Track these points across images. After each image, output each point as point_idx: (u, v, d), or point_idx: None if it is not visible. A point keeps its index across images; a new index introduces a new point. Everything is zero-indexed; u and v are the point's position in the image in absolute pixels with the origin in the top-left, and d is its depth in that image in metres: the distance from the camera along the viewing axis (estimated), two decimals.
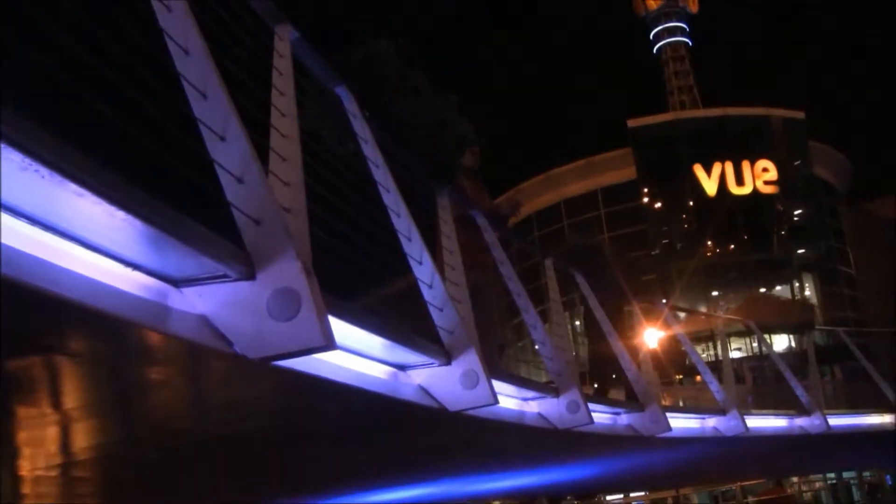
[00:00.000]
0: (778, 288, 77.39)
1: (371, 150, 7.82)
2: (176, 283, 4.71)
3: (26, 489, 8.30)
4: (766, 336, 29.93)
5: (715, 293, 76.05)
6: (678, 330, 20.79)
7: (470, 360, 8.17)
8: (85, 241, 4.10)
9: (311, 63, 7.17)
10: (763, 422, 19.77)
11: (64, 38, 3.97)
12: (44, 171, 3.31)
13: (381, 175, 7.81)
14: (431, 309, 8.18)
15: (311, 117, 7.84)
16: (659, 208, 78.11)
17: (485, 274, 11.51)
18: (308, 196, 5.80)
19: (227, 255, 4.63)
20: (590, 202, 79.48)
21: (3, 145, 3.09)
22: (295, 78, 6.37)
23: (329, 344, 4.70)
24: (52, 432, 6.53)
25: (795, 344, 65.27)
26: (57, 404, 5.64)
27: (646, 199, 78.03)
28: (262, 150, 5.46)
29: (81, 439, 7.02)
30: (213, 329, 4.80)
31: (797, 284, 77.63)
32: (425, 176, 9.38)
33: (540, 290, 14.10)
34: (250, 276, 4.72)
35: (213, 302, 4.77)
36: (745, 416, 17.62)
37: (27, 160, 3.20)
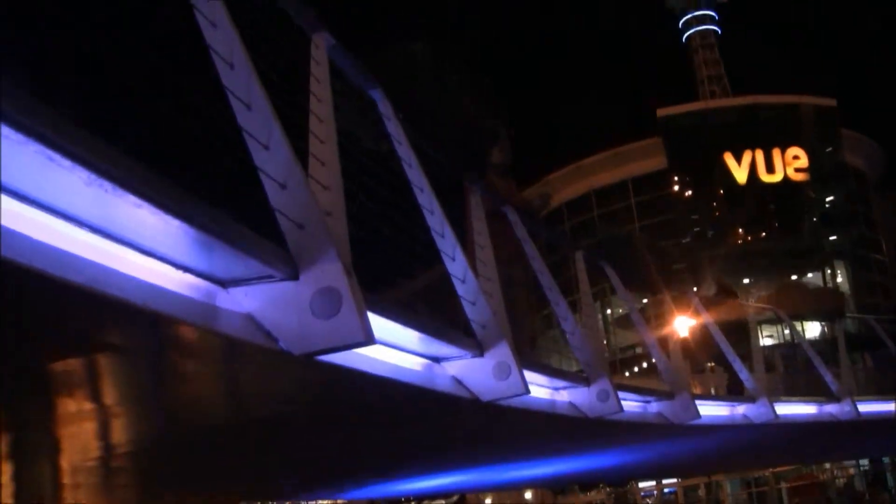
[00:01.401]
0: (809, 275, 76.72)
1: (404, 150, 8.06)
2: (224, 283, 4.97)
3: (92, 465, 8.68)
4: (798, 324, 29.89)
5: (746, 281, 75.57)
6: (708, 318, 20.80)
7: (502, 352, 8.41)
8: (140, 247, 4.36)
9: (348, 68, 7.40)
10: (792, 408, 19.80)
11: (119, 55, 4.24)
12: (107, 185, 3.56)
13: (415, 174, 8.05)
14: (464, 303, 8.42)
15: (348, 119, 8.07)
16: (689, 197, 77.62)
17: (516, 267, 11.72)
18: (346, 194, 6.06)
19: (272, 257, 4.88)
20: (620, 192, 79.09)
21: (70, 163, 3.34)
22: (332, 83, 6.61)
23: (369, 340, 4.95)
24: (100, 424, 6.84)
25: (827, 332, 64.82)
26: (107, 397, 5.94)
27: (676, 188, 77.66)
28: (300, 153, 5.69)
29: (128, 430, 7.32)
30: (258, 326, 5.06)
31: (828, 272, 76.96)
32: (457, 173, 9.59)
33: (570, 280, 14.24)
34: (294, 276, 4.97)
35: (259, 301, 5.03)
36: (775, 403, 17.69)
37: (93, 176, 3.46)
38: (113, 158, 3.49)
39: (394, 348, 7.29)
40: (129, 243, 4.27)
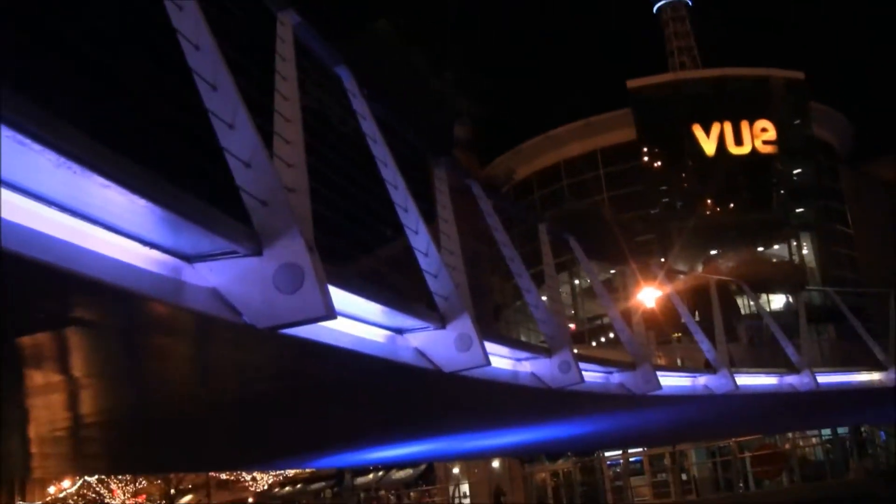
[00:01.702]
0: (776, 247, 77.59)
1: (369, 126, 8.22)
2: (189, 259, 5.14)
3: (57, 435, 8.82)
4: (763, 296, 30.26)
5: (713, 252, 76.32)
6: (672, 289, 21.06)
7: (464, 324, 8.63)
8: (108, 224, 4.51)
9: (314, 45, 7.54)
10: (753, 380, 20.14)
11: (84, 40, 4.37)
12: (75, 167, 3.71)
13: (380, 150, 8.21)
14: (427, 276, 8.62)
15: (314, 98, 8.21)
16: (658, 168, 78.09)
17: (480, 240, 11.92)
18: (311, 172, 6.22)
19: (236, 233, 5.06)
20: (590, 163, 79.38)
21: (40, 146, 3.49)
22: (298, 61, 6.75)
23: (330, 314, 5.14)
24: (70, 396, 7.00)
25: (792, 304, 65.68)
26: (75, 370, 6.09)
27: (645, 159, 78.15)
28: (266, 133, 5.84)
29: (94, 402, 7.48)
30: (223, 301, 5.24)
31: (794, 244, 77.86)
32: (422, 149, 9.75)
33: (537, 252, 14.48)
34: (258, 252, 5.15)
35: (224, 276, 5.21)
36: (735, 375, 18.00)
37: (62, 159, 3.61)
38: (80, 141, 3.65)
39: (357, 320, 7.48)
40: (96, 221, 4.42)
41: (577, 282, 69.39)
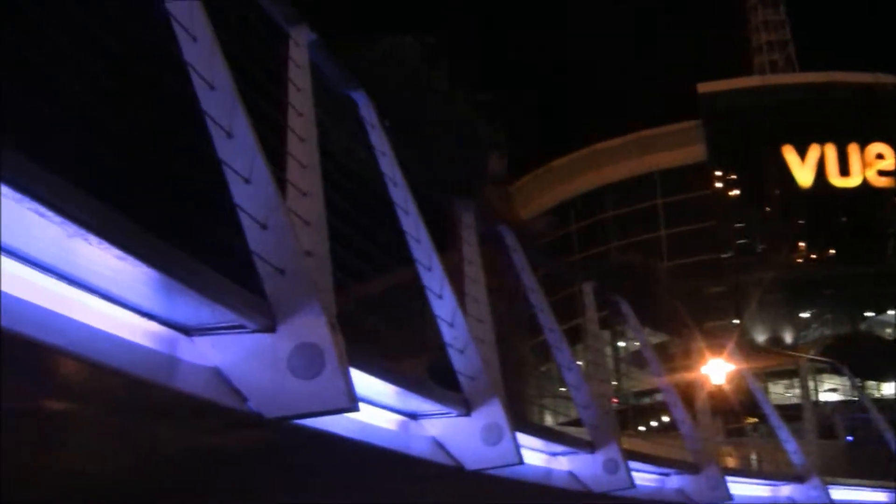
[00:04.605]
0: (891, 312, 77.03)
1: (388, 165, 8.84)
2: (188, 331, 5.75)
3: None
4: (870, 381, 30.35)
5: (804, 314, 75.97)
6: (747, 366, 21.39)
7: (493, 412, 9.17)
8: (95, 289, 5.09)
9: (327, 68, 8.20)
10: (853, 494, 20.21)
11: (75, 79, 5.05)
12: (71, 227, 4.32)
13: (400, 195, 8.84)
14: (451, 351, 9.19)
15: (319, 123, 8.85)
16: (734, 199, 78.19)
17: (507, 298, 12.48)
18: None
19: (245, 304, 5.67)
20: (643, 188, 79.25)
21: (35, 203, 4.11)
22: (314, 90, 7.39)
23: (353, 405, 5.78)
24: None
25: None
26: (50, 455, 6.61)
27: (717, 186, 78.22)
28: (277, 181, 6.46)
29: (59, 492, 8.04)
30: (226, 382, 5.85)
31: None
32: (447, 191, 10.35)
33: (566, 301, 14.95)
34: (270, 328, 5.77)
35: (228, 354, 5.82)
36: (830, 487, 18.20)
37: (57, 217, 4.22)
38: (72, 198, 4.24)
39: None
40: (81, 285, 4.98)
41: (621, 344, 68.88)
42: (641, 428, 61.07)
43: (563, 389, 13.69)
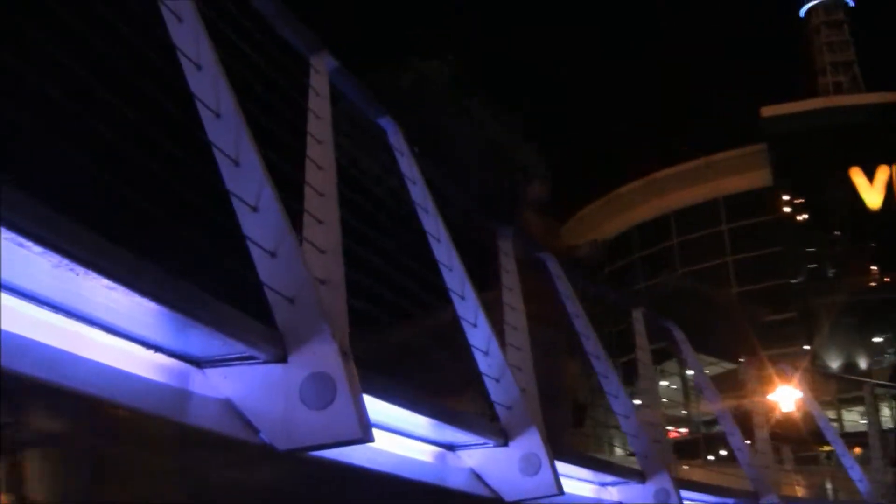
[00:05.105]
0: None
1: (419, 193, 8.77)
2: (199, 363, 5.69)
3: None
4: None
5: (877, 339, 75.28)
6: (817, 392, 21.14)
7: (532, 441, 9.05)
8: (103, 324, 5.05)
9: (352, 94, 8.15)
10: None
11: (75, 103, 5.00)
12: (78, 268, 4.29)
13: (431, 223, 8.75)
14: (487, 380, 9.09)
15: (345, 151, 8.79)
16: (802, 224, 77.80)
17: (554, 327, 12.36)
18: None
19: (255, 335, 5.60)
20: (708, 214, 79.33)
21: (40, 248, 4.07)
22: (334, 117, 7.34)
23: (366, 436, 5.66)
24: None
25: None
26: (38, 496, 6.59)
27: (785, 211, 77.85)
28: (290, 209, 6.40)
29: None
30: (238, 414, 5.77)
31: None
32: (483, 216, 10.26)
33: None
34: (282, 358, 5.69)
35: (239, 385, 5.75)
36: None
37: (64, 260, 4.19)
38: (81, 238, 4.21)
39: (396, 433, 7.94)
40: (91, 321, 4.96)
41: (689, 372, 68.19)
42: (711, 457, 60.60)
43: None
